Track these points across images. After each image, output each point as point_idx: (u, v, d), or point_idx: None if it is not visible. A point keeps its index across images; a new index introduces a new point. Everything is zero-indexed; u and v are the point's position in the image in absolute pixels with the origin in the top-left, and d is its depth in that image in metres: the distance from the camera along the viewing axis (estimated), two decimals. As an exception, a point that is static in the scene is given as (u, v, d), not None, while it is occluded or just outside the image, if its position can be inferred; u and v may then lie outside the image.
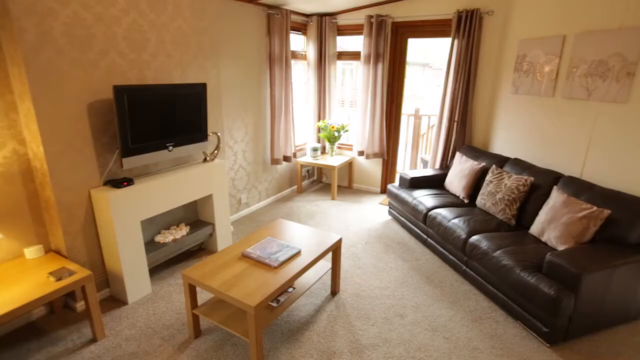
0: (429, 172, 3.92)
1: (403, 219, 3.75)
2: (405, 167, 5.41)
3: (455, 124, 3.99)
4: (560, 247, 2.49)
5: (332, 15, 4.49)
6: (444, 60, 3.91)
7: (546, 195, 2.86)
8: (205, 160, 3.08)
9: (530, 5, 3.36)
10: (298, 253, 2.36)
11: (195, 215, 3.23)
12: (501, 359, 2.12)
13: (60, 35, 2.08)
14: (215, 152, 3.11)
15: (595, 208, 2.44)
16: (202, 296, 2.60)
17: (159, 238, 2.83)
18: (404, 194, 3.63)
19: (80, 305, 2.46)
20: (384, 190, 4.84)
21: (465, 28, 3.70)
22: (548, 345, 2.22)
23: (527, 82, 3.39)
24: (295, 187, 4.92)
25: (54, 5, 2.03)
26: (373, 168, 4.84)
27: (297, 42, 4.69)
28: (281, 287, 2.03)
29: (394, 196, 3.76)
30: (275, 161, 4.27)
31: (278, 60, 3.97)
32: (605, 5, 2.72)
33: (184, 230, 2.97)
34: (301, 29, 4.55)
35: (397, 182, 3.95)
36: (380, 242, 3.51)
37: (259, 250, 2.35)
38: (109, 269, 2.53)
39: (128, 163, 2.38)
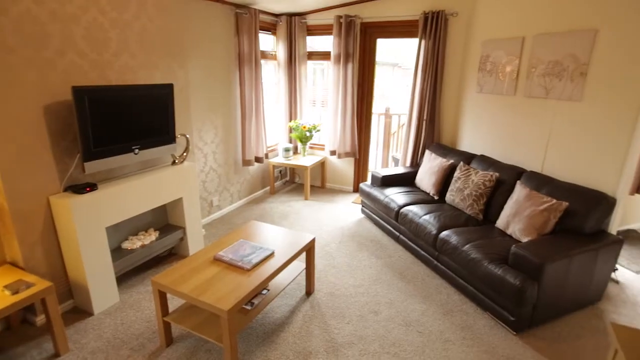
0: (400, 170, 3.99)
1: (376, 217, 3.80)
2: (377, 166, 5.48)
3: (424, 122, 4.08)
4: (524, 239, 2.60)
5: (301, 15, 4.48)
6: (413, 60, 3.99)
7: (510, 190, 2.98)
8: (174, 163, 3.00)
9: (491, 8, 3.49)
10: (271, 254, 2.34)
11: (164, 220, 3.14)
12: (471, 349, 2.19)
13: (12, 34, 1.96)
14: (184, 154, 3.04)
15: (554, 201, 2.57)
16: (174, 302, 2.53)
17: (126, 244, 2.72)
18: (376, 192, 3.68)
19: (40, 319, 2.33)
20: (356, 189, 4.89)
21: (432, 29, 3.80)
22: (515, 333, 2.32)
23: (490, 81, 3.52)
24: (268, 188, 4.88)
25: (3, 1, 1.91)
26: (345, 167, 4.88)
27: (267, 42, 4.65)
28: (255, 289, 2.00)
29: (367, 195, 3.81)
30: (246, 162, 4.22)
31: (247, 60, 3.92)
32: (557, 9, 2.86)
33: (153, 235, 2.87)
34: (270, 28, 4.51)
35: (369, 181, 3.99)
36: (354, 240, 3.54)
37: (231, 253, 2.31)
38: (72, 279, 2.41)
39: (90, 167, 2.27)
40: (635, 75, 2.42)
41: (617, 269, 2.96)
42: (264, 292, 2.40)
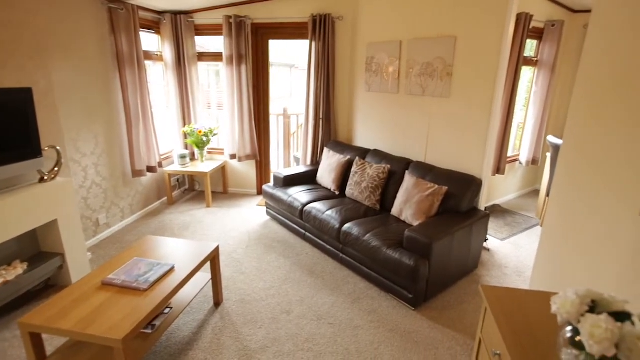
0: (301, 169, 4.07)
1: (281, 218, 3.81)
2: (279, 166, 5.51)
3: (321, 121, 4.23)
4: (416, 223, 2.89)
5: (187, 13, 4.24)
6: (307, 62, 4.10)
7: (401, 180, 3.27)
8: (42, 180, 2.56)
9: (371, 14, 3.78)
10: (171, 269, 2.17)
11: (35, 247, 2.67)
12: (378, 330, 2.35)
13: None
14: (56, 169, 2.62)
15: (437, 186, 2.91)
16: (56, 342, 2.17)
17: (-18, 283, 2.24)
18: (279, 193, 3.69)
19: None
20: (260, 192, 4.83)
21: (321, 31, 3.95)
22: (413, 309, 2.56)
23: (377, 81, 3.81)
24: (165, 198, 4.52)
25: None
26: (247, 170, 4.79)
27: (151, 41, 4.29)
28: (154, 310, 1.83)
29: (270, 196, 3.80)
30: (137, 173, 3.83)
31: (128, 61, 3.56)
32: (426, 18, 3.24)
33: (19, 268, 2.41)
34: (154, 27, 4.17)
35: (272, 182, 3.99)
36: (261, 243, 3.50)
37: (123, 274, 2.07)
38: None
39: None
40: (485, 75, 2.88)
41: (487, 239, 3.48)
42: (167, 310, 2.22)
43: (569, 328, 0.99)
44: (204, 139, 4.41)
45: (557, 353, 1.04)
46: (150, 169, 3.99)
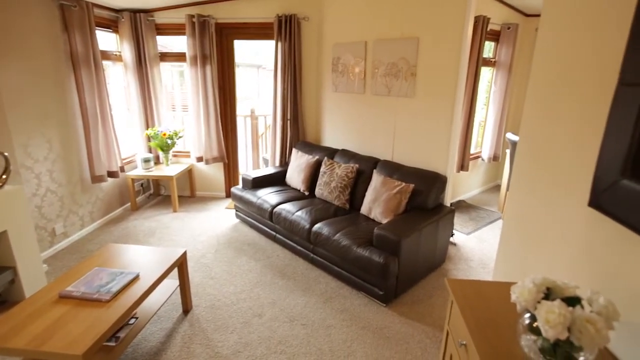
0: (270, 170, 4.04)
1: (251, 220, 3.76)
2: (248, 168, 5.43)
3: (289, 122, 4.22)
4: (384, 221, 2.94)
5: (147, 12, 4.09)
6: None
7: (369, 179, 3.31)
8: (-11, 188, 2.39)
9: (336, 14, 3.81)
10: (136, 278, 2.08)
11: (-17, 261, 2.48)
12: (350, 329, 2.36)
13: None
14: (4, 176, 2.45)
15: (404, 184, 2.97)
16: (8, 362, 2.03)
17: None
18: (248, 195, 3.64)
19: None
20: (229, 194, 4.75)
21: (286, 31, 3.94)
22: (384, 305, 2.60)
23: (343, 81, 3.84)
24: (129, 204, 4.34)
25: None
26: (215, 173, 4.69)
27: (109, 41, 4.11)
28: (118, 321, 1.75)
29: (239, 198, 3.74)
30: (97, 179, 3.65)
31: (84, 61, 3.39)
32: (390, 19, 3.31)
33: (-34, 284, 2.24)
34: (111, 26, 4.00)
35: (240, 184, 3.93)
36: (231, 247, 3.43)
37: (83, 285, 1.97)
38: None
39: None
40: (447, 75, 2.97)
41: (453, 234, 3.60)
42: (132, 321, 2.13)
43: (527, 315, 1.04)
44: (169, 141, 4.28)
45: (517, 339, 1.09)
46: (112, 174, 3.82)
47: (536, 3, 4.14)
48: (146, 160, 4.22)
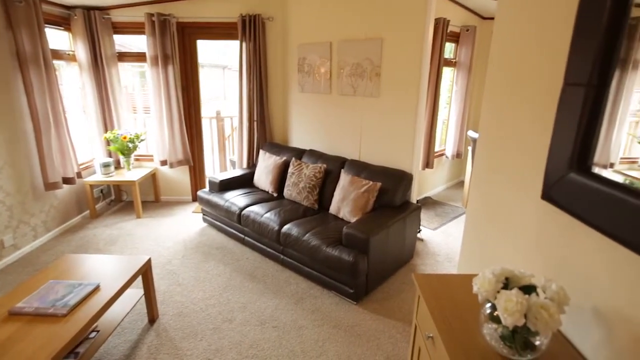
0: (237, 172, 3.97)
1: (219, 223, 3.68)
2: (215, 171, 5.32)
3: (255, 123, 4.17)
4: (353, 220, 2.97)
5: (102, 9, 3.91)
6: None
7: (338, 178, 3.33)
8: None
9: (301, 14, 3.81)
10: (96, 289, 1.98)
11: None
12: (322, 328, 2.37)
13: None
14: (-56, 185, 2.25)
15: (371, 183, 3.01)
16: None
17: None
18: (215, 198, 3.56)
19: None
20: (195, 198, 4.63)
21: (251, 32, 3.89)
22: (355, 303, 2.63)
23: (310, 81, 3.85)
24: (88, 212, 4.12)
25: None
26: (180, 176, 4.55)
27: (61, 39, 3.88)
28: (76, 336, 1.66)
29: (206, 202, 3.65)
30: (51, 186, 3.44)
31: (33, 61, 3.18)
32: (354, 20, 3.34)
33: None
34: (62, 23, 3.78)
35: (207, 187, 3.84)
36: (199, 251, 3.35)
37: (37, 300, 1.85)
38: None
39: None
40: (410, 75, 3.05)
41: (420, 230, 3.69)
42: (93, 334, 2.02)
43: (488, 305, 1.08)
44: (130, 145, 4.11)
45: (480, 329, 1.13)
46: (67, 181, 3.62)
47: (491, 6, 4.34)
48: (106, 165, 4.02)
